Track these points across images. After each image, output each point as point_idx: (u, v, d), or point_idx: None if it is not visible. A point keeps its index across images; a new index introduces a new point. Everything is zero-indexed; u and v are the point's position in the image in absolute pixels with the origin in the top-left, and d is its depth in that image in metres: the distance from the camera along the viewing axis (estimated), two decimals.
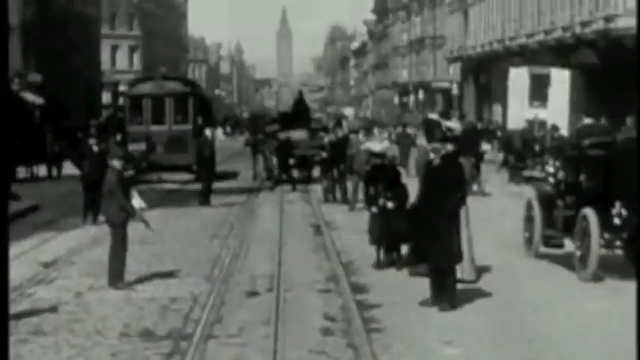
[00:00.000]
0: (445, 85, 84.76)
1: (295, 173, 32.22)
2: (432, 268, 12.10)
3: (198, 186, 27.27)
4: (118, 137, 32.55)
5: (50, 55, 60.69)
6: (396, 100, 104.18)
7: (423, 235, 12.01)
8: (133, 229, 16.34)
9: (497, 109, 65.32)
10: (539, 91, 36.09)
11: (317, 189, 29.17)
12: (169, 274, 14.95)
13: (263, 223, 21.72)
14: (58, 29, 63.23)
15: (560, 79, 36.45)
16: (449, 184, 11.83)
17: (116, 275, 13.90)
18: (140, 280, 14.44)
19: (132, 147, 31.68)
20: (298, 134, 34.10)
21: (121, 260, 13.99)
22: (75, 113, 59.81)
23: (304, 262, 16.15)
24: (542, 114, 35.01)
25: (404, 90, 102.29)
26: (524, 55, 57.67)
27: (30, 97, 54.11)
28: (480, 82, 71.02)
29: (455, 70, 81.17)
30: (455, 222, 11.92)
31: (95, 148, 21.81)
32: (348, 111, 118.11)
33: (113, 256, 14.03)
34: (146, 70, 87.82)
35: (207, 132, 27.12)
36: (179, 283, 14.25)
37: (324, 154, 26.62)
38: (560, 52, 51.67)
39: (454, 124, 18.68)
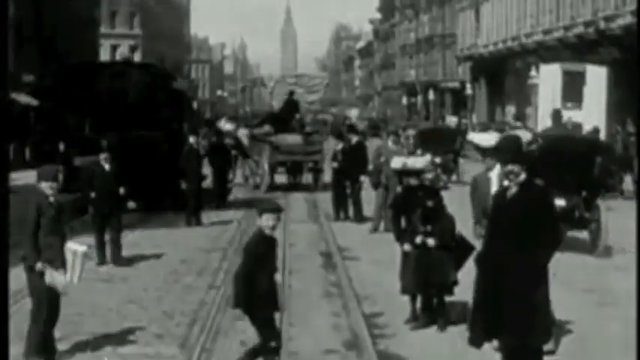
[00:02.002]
0: (455, 85, 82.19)
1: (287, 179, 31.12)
2: (510, 348, 8.19)
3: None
4: (61, 147, 26.25)
5: (45, 55, 57.21)
6: (405, 100, 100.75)
7: (493, 299, 8.11)
8: (91, 262, 12.76)
9: (510, 110, 62.66)
10: (573, 90, 32.32)
11: (323, 199, 25.59)
12: (129, 337, 11.05)
13: None
14: (54, 28, 59.82)
15: (597, 77, 32.60)
16: (534, 228, 7.95)
17: (35, 345, 9.86)
18: (82, 346, 10.53)
19: (79, 161, 23.28)
20: (292, 138, 30.90)
21: (44, 322, 9.88)
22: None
23: (314, 315, 12.23)
24: (576, 116, 31.17)
25: (412, 90, 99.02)
26: (540, 54, 54.49)
27: (23, 98, 50.56)
28: (493, 82, 68.01)
29: (465, 70, 78.45)
30: (543, 282, 8.07)
31: (107, 167, 16.67)
32: (353, 112, 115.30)
33: (33, 317, 9.99)
34: None
35: (192, 139, 23.04)
36: (138, 357, 10.34)
37: (335, 164, 22.72)
38: (581, 49, 48.33)
39: (524, 134, 15.02)
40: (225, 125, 32.82)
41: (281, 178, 31.54)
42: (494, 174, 11.16)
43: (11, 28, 50.16)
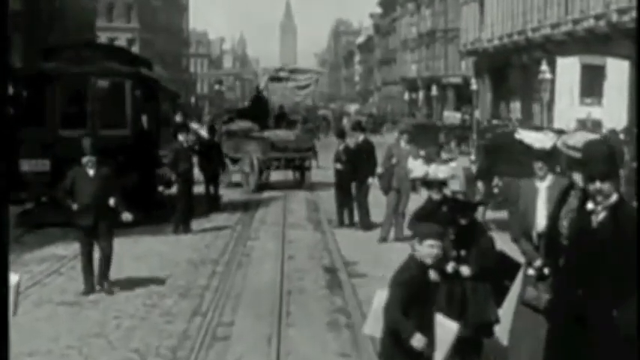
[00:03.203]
0: (457, 80, 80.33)
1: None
2: None
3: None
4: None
5: (40, 48, 55.17)
6: (407, 96, 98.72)
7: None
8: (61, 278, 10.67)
9: (515, 106, 60.94)
10: (592, 85, 30.23)
11: (324, 200, 23.66)
12: None
13: (258, 266, 15.59)
14: (50, 20, 57.81)
15: (619, 71, 30.48)
16: (634, 269, 5.78)
17: None
18: None
19: (27, 167, 19.49)
20: (285, 135, 29.57)
21: None
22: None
23: (317, 356, 10.08)
24: (595, 113, 29.15)
25: (413, 86, 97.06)
26: (547, 48, 52.41)
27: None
28: (497, 78, 66.01)
29: (468, 65, 76.58)
30: None
31: (92, 173, 13.34)
32: (353, 107, 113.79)
33: None
34: None
35: (182, 137, 20.70)
36: None
37: (339, 166, 20.52)
38: (591, 43, 46.17)
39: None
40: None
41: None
42: (544, 185, 8.95)
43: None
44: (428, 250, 6.92)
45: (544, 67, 42.47)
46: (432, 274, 8.98)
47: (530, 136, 9.78)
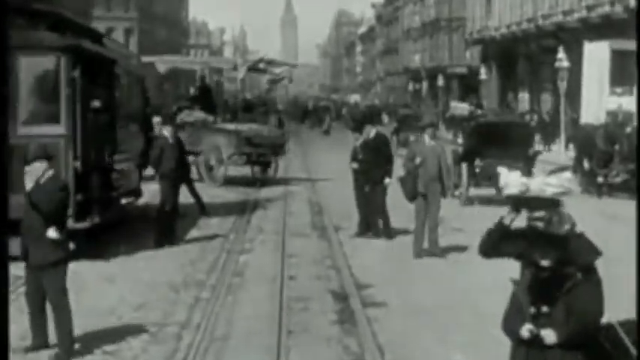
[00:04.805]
0: (462, 70, 78.28)
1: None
2: None
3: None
4: None
5: None
6: (411, 86, 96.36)
7: None
8: None
9: (524, 96, 58.99)
10: (623, 72, 27.44)
11: (328, 200, 21.76)
12: None
13: (251, 291, 12.69)
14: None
15: None
16: None
17: None
18: None
19: None
20: (260, 129, 28.67)
21: None
22: None
23: None
24: (627, 103, 26.38)
25: (416, 76, 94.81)
26: (559, 36, 49.99)
27: None
28: (505, 67, 63.82)
29: (473, 55, 74.48)
30: None
31: (28, 187, 9.33)
32: (354, 98, 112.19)
33: None
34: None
35: (166, 131, 17.70)
36: None
37: (355, 165, 17.67)
38: (607, 30, 43.51)
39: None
40: None
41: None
42: None
43: None
44: None
45: (561, 54, 39.87)
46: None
47: None
